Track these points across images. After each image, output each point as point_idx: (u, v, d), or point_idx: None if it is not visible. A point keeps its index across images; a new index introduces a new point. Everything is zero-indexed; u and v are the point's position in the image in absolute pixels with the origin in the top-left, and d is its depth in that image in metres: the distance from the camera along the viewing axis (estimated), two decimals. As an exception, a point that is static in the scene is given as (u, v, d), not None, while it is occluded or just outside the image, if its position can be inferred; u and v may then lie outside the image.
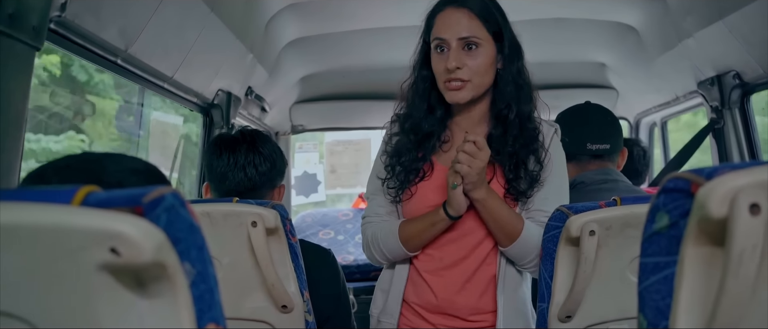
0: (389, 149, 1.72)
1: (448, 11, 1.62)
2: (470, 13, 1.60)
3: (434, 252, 1.68)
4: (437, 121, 1.69)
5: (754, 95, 2.57)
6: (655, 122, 3.75)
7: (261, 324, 1.63)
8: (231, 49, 2.52)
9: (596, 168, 2.11)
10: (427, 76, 1.68)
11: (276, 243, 1.59)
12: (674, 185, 0.72)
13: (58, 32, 1.49)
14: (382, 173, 1.72)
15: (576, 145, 2.09)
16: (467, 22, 1.60)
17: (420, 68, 1.70)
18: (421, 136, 1.68)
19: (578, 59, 3.61)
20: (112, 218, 0.60)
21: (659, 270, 0.75)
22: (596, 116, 2.18)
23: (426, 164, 1.69)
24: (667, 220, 0.74)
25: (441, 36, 1.61)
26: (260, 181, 1.89)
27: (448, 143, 1.72)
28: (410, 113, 1.71)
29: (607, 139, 2.13)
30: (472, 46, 1.60)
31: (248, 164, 1.88)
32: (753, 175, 0.65)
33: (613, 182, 2.06)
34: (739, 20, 2.14)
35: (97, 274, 0.62)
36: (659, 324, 0.75)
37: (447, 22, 1.61)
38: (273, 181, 1.94)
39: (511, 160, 1.64)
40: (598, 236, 1.40)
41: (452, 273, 1.66)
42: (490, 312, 1.68)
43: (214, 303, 0.72)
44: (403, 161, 1.69)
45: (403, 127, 1.72)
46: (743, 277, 0.64)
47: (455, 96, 1.61)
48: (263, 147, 1.91)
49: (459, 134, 1.71)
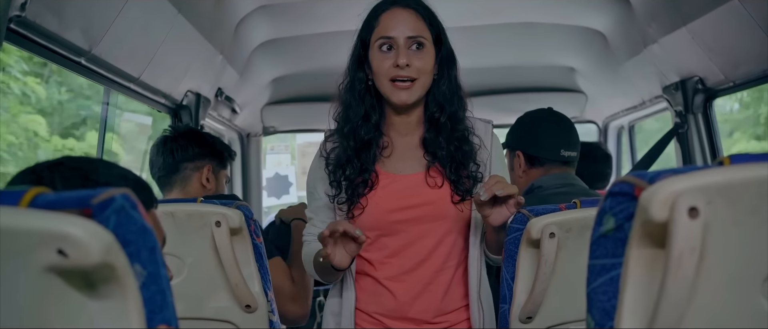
0: (330, 164, 1.69)
1: (395, 10, 1.62)
2: (417, 13, 1.62)
3: (393, 260, 1.67)
4: (373, 127, 1.67)
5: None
6: (623, 125, 3.80)
7: (225, 324, 1.63)
8: (200, 50, 2.51)
9: (558, 173, 2.10)
10: (363, 78, 1.67)
11: (240, 243, 1.59)
12: (619, 189, 0.74)
13: (18, 32, 1.47)
14: (322, 191, 1.70)
15: (550, 150, 2.09)
16: (414, 22, 1.61)
17: (355, 70, 1.69)
18: (360, 144, 1.67)
19: (547, 63, 3.65)
20: (59, 219, 0.60)
21: (606, 271, 0.77)
22: (566, 122, 2.18)
23: (371, 173, 1.68)
24: (613, 223, 0.75)
25: (388, 34, 1.61)
26: (177, 162, 2.12)
27: (388, 148, 1.70)
28: (347, 117, 1.69)
29: (576, 146, 2.14)
30: (419, 45, 1.61)
31: (166, 151, 2.14)
32: (692, 179, 0.67)
33: (570, 186, 2.06)
34: (702, 27, 2.18)
35: (45, 276, 0.62)
36: (605, 325, 0.77)
37: (394, 21, 1.61)
38: (194, 162, 2.15)
39: (451, 162, 1.65)
40: (558, 238, 1.43)
41: (412, 277, 1.67)
42: (452, 311, 1.69)
43: (165, 304, 0.72)
44: (347, 173, 1.66)
45: (341, 131, 1.69)
46: (682, 278, 0.66)
47: (402, 96, 1.61)
48: (184, 138, 2.17)
49: (397, 139, 1.71)
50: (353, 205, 1.65)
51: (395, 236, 1.66)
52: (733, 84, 2.36)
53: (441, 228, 1.66)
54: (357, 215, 1.65)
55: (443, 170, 1.66)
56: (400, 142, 1.71)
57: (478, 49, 3.23)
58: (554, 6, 2.87)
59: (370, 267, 1.69)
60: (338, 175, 1.66)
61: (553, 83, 3.73)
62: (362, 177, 1.66)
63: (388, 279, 1.67)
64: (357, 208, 1.65)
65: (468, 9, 2.75)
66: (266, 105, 3.85)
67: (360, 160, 1.66)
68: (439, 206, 1.65)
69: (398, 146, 1.70)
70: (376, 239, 1.68)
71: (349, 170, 1.66)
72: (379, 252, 1.68)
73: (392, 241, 1.67)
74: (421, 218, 1.65)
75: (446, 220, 1.65)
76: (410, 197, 1.65)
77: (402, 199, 1.65)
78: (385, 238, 1.67)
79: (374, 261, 1.68)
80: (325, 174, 1.69)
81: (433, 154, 1.66)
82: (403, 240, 1.66)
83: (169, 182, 2.13)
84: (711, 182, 0.67)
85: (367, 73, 1.66)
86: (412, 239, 1.66)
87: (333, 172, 1.67)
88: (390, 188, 1.66)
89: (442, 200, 1.65)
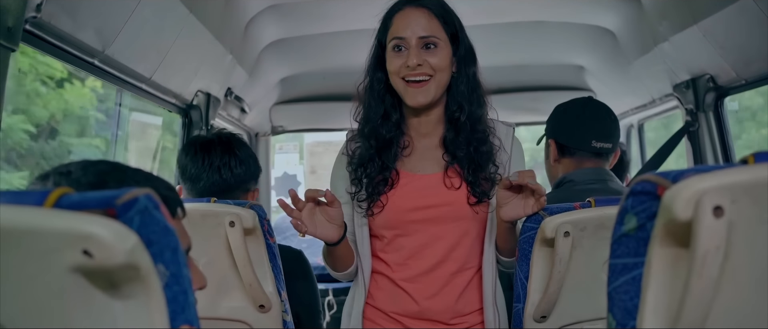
0: (353, 162, 1.70)
1: (407, 10, 1.61)
2: (430, 12, 1.60)
3: (409, 261, 1.68)
4: (394, 126, 1.68)
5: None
6: (633, 124, 3.79)
7: (239, 324, 1.63)
8: (210, 51, 2.51)
9: (591, 167, 2.04)
10: (382, 78, 1.67)
11: (254, 243, 1.59)
12: (641, 187, 0.74)
13: (33, 33, 1.48)
14: (343, 188, 1.71)
15: (579, 140, 2.04)
16: (427, 22, 1.60)
17: (374, 70, 1.69)
18: (381, 143, 1.67)
19: (557, 62, 3.64)
20: (85, 220, 0.61)
21: (627, 271, 0.77)
22: (603, 112, 2.11)
23: (392, 172, 1.68)
24: (635, 222, 0.75)
25: (400, 35, 1.60)
26: (234, 183, 1.89)
27: (408, 148, 1.71)
28: (368, 117, 1.70)
29: (610, 138, 2.06)
30: (431, 45, 1.60)
31: (223, 165, 1.88)
32: (717, 178, 0.66)
33: (602, 182, 2.00)
34: (713, 25, 2.17)
35: (69, 276, 0.63)
36: (627, 324, 0.76)
37: (406, 21, 1.60)
38: (247, 184, 1.95)
39: (470, 163, 1.65)
40: (573, 237, 1.42)
41: (429, 278, 1.67)
42: (469, 313, 1.69)
43: (187, 304, 0.72)
44: (369, 171, 1.67)
45: (362, 132, 1.70)
46: (707, 278, 0.66)
47: (418, 97, 1.60)
48: (239, 150, 1.92)
49: (418, 139, 1.71)
50: (373, 203, 1.66)
51: (412, 237, 1.66)
52: (744, 82, 2.34)
53: (457, 230, 1.66)
54: (376, 212, 1.66)
55: (461, 171, 1.66)
56: (420, 142, 1.71)
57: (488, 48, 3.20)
58: (564, 4, 2.86)
59: (387, 268, 1.70)
60: (360, 173, 1.68)
61: (562, 81, 3.72)
62: (383, 175, 1.66)
63: (404, 280, 1.67)
64: (377, 206, 1.66)
65: (478, 7, 2.75)
66: (275, 105, 3.85)
67: (381, 158, 1.67)
68: (456, 208, 1.65)
69: (418, 146, 1.70)
70: (393, 239, 1.68)
71: (370, 168, 1.67)
72: (396, 253, 1.68)
73: (409, 242, 1.67)
74: (438, 218, 1.65)
75: (462, 222, 1.66)
76: (427, 197, 1.66)
77: (419, 199, 1.66)
78: (402, 238, 1.67)
79: (391, 263, 1.69)
80: (347, 173, 1.71)
81: (453, 154, 1.66)
82: (419, 241, 1.66)
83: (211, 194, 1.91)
84: (736, 181, 0.66)
85: (386, 73, 1.66)
86: (429, 241, 1.66)
87: (355, 170, 1.68)
88: (408, 188, 1.67)
89: (459, 201, 1.65)
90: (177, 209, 0.92)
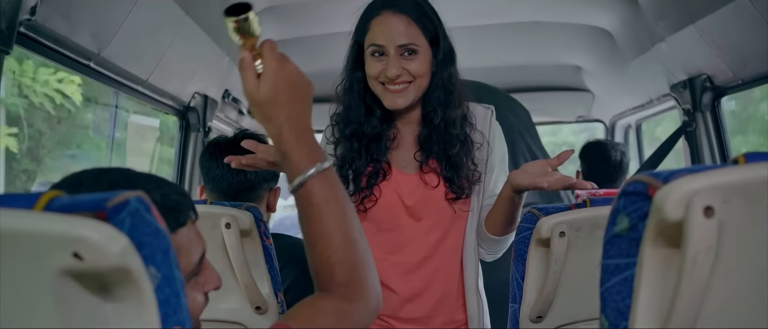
0: (337, 163, 1.67)
1: (386, 16, 1.58)
2: (408, 19, 1.56)
3: (391, 257, 1.67)
4: (379, 121, 1.66)
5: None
6: (630, 124, 3.80)
7: (235, 326, 1.63)
8: (207, 52, 2.51)
9: None
10: (362, 77, 1.65)
11: (250, 245, 1.59)
12: (633, 188, 0.74)
13: (28, 36, 1.48)
14: None
15: None
16: (405, 29, 1.56)
17: (353, 70, 1.66)
18: (367, 140, 1.66)
19: (554, 62, 3.64)
20: (75, 223, 0.61)
21: (620, 271, 0.77)
22: None
23: (383, 164, 1.67)
24: (627, 222, 0.75)
25: (378, 43, 1.57)
26: (256, 181, 1.91)
27: (396, 140, 1.69)
28: (348, 118, 1.67)
29: None
30: (411, 52, 1.58)
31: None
32: (707, 178, 0.66)
33: None
34: (710, 25, 2.17)
35: (60, 279, 0.62)
36: (619, 325, 0.76)
37: (384, 29, 1.57)
38: (269, 183, 1.96)
39: (447, 160, 1.65)
40: (568, 237, 1.42)
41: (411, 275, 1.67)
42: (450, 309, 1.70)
43: (179, 306, 0.72)
44: (355, 167, 1.66)
45: (343, 133, 1.68)
46: (698, 278, 0.66)
47: (397, 100, 1.59)
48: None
49: (403, 130, 1.70)
50: (366, 197, 1.65)
51: (394, 233, 1.67)
52: (741, 82, 2.34)
53: (438, 227, 1.66)
54: (369, 207, 1.66)
55: (439, 168, 1.66)
56: (406, 134, 1.71)
57: (485, 49, 3.23)
58: (561, 5, 2.86)
59: None
60: (346, 170, 1.67)
61: (560, 82, 3.73)
62: (374, 168, 1.66)
63: (387, 277, 1.67)
64: (370, 200, 1.65)
65: (474, 8, 2.75)
66: (273, 106, 3.84)
67: (369, 152, 1.66)
68: (435, 204, 1.66)
69: (404, 139, 1.71)
70: (377, 232, 1.68)
71: (356, 164, 1.66)
72: (377, 248, 1.67)
73: (391, 237, 1.68)
74: (418, 215, 1.66)
75: (443, 219, 1.66)
76: (409, 194, 1.66)
77: (402, 195, 1.66)
78: (385, 233, 1.68)
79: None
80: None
81: (427, 153, 1.66)
82: (401, 237, 1.67)
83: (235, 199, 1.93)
84: (726, 181, 0.66)
85: (365, 73, 1.64)
86: (410, 237, 1.66)
87: (339, 169, 1.67)
88: (395, 183, 1.67)
89: (438, 198, 1.65)
90: (189, 213, 0.91)
